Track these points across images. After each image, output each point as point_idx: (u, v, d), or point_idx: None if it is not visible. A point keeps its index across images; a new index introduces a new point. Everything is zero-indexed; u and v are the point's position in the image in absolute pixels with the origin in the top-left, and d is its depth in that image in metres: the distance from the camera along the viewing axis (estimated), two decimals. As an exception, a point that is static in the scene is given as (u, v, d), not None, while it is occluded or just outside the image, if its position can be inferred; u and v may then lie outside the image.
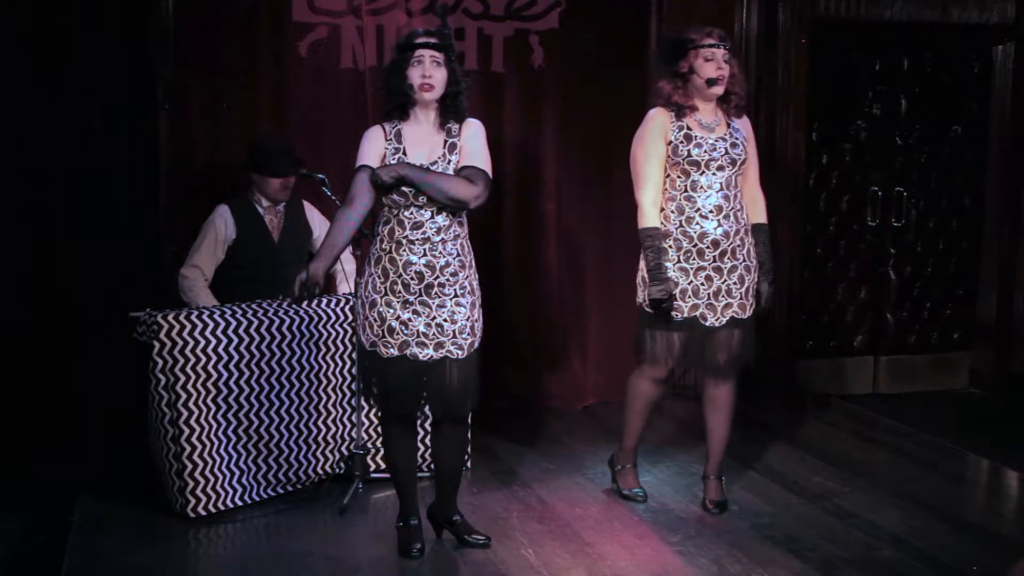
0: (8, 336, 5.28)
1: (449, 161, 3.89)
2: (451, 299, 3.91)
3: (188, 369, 4.39)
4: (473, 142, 3.92)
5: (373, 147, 3.91)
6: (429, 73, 3.82)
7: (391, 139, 3.91)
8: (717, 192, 4.33)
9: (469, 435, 4.71)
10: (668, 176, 4.35)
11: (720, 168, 4.33)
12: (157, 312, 4.37)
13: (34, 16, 5.25)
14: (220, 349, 4.47)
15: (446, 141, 3.92)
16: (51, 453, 5.12)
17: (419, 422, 4.31)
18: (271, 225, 5.14)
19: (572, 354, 6.19)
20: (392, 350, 3.92)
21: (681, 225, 4.33)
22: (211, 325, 4.45)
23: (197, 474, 4.41)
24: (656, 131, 4.34)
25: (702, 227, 4.31)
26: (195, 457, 4.40)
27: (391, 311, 3.90)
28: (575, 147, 6.06)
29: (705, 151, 4.31)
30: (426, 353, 3.91)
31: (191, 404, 4.39)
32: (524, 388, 6.17)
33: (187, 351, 4.38)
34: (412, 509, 4.15)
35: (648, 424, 4.65)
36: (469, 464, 4.95)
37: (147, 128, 5.42)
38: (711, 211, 4.32)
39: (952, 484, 5.08)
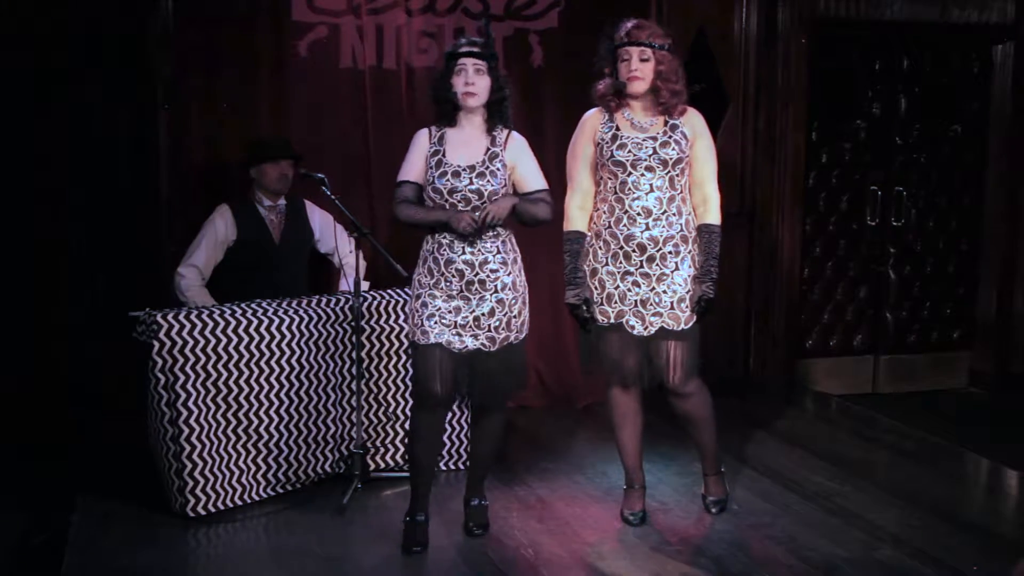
0: (8, 335, 5.28)
1: (487, 167, 4.01)
2: (492, 294, 4.02)
3: (188, 369, 4.39)
4: (526, 161, 4.09)
5: (418, 153, 4.06)
6: (472, 81, 3.96)
7: (434, 142, 4.06)
8: (647, 194, 4.16)
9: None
10: (601, 176, 4.26)
11: (649, 169, 4.15)
12: (157, 312, 4.37)
13: (33, 16, 5.25)
14: (220, 349, 4.47)
15: (488, 149, 4.03)
16: (51, 453, 5.12)
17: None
18: (272, 226, 5.14)
19: (572, 354, 6.18)
20: (429, 338, 4.00)
21: (610, 226, 4.21)
22: (211, 325, 4.45)
23: (197, 474, 4.41)
24: (585, 134, 4.28)
25: (629, 229, 4.17)
26: (195, 457, 4.40)
27: (434, 304, 4.01)
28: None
29: (630, 151, 4.16)
30: (463, 343, 4.01)
31: (191, 404, 4.39)
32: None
33: (187, 351, 4.39)
34: (421, 506, 4.19)
35: (640, 440, 4.46)
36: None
37: (147, 128, 5.42)
38: (639, 213, 4.17)
39: (952, 484, 5.07)
